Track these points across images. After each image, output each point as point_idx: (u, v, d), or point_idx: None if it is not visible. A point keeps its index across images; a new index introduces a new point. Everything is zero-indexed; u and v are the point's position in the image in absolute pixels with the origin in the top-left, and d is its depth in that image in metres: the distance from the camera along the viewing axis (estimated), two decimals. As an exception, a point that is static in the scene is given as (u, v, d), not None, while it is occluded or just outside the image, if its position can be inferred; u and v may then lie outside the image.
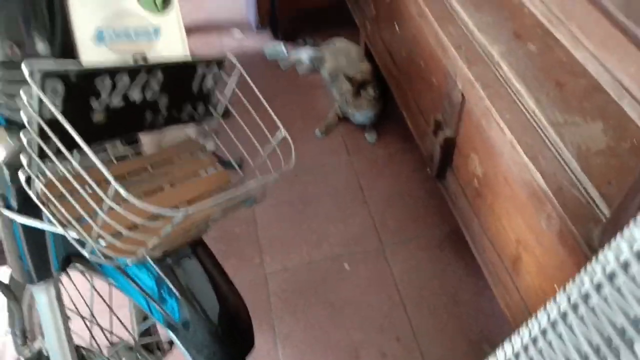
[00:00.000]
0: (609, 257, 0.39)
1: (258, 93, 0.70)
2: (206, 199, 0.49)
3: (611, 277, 0.38)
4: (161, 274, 0.63)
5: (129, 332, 0.76)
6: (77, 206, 0.46)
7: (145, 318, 0.82)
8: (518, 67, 0.95)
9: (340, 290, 1.32)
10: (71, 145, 0.44)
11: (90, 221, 0.46)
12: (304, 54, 1.92)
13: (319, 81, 1.88)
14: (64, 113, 0.46)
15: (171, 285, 0.63)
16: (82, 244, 0.49)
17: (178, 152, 0.67)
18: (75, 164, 0.44)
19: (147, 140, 0.70)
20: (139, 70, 0.53)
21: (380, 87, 1.62)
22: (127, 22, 0.62)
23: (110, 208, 0.44)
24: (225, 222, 1.49)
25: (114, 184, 0.42)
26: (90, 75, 0.48)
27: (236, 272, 1.37)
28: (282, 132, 0.65)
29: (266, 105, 0.68)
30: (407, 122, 1.45)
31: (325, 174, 1.60)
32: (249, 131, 0.73)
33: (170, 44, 0.69)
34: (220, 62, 0.65)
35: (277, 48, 2.00)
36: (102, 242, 0.48)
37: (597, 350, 0.39)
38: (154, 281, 0.65)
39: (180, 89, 0.62)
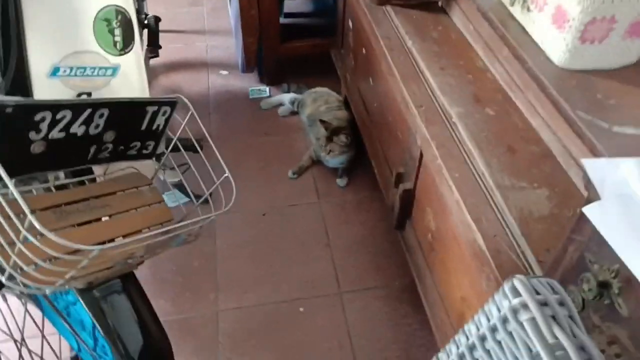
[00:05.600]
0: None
1: (207, 135, 0.73)
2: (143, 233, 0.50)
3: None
4: (87, 308, 0.63)
5: (57, 358, 0.75)
6: (-5, 234, 0.47)
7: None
8: (473, 129, 0.99)
9: (292, 334, 1.31)
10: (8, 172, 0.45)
11: (7, 249, 0.47)
12: (285, 97, 1.98)
13: (298, 124, 1.92)
14: (0, 143, 0.47)
15: (98, 326, 0.63)
16: (3, 270, 0.50)
17: (122, 185, 0.68)
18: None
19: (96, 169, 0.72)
20: (82, 106, 0.55)
21: (354, 135, 1.66)
22: (85, 60, 0.65)
23: (27, 239, 0.45)
24: (185, 254, 1.49)
25: (29, 216, 0.43)
26: (29, 109, 0.50)
27: (190, 307, 1.36)
28: (227, 173, 0.68)
29: (214, 147, 0.71)
30: (375, 171, 1.49)
31: (293, 215, 1.62)
32: (197, 170, 0.75)
33: (128, 82, 0.72)
34: (172, 104, 0.67)
35: (260, 89, 2.07)
36: (20, 271, 0.49)
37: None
38: (91, 321, 0.64)
39: (128, 126, 0.64)
